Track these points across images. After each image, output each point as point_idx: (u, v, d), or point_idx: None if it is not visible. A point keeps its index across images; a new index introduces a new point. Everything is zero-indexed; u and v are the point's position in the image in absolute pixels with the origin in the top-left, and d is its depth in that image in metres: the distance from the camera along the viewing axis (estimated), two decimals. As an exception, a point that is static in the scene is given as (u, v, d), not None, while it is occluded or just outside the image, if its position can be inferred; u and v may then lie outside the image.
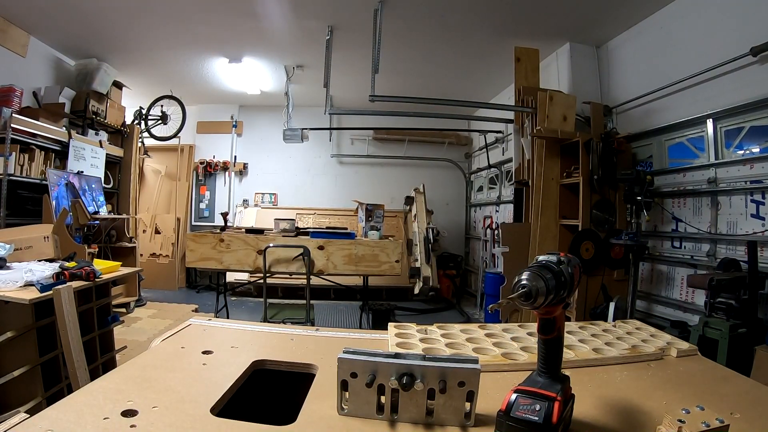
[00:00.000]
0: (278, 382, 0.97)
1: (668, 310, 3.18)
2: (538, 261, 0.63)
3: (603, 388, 0.84)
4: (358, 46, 4.18)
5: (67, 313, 1.71)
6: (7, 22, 3.99)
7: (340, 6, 3.70)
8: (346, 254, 3.16)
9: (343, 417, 0.70)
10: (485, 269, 5.47)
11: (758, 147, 2.61)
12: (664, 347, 1.05)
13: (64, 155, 4.36)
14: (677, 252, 3.16)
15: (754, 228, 2.57)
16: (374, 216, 3.59)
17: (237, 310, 5.02)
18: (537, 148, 3.62)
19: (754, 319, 2.22)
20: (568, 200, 3.52)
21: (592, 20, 3.68)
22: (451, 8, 3.65)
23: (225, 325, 1.21)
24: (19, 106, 3.97)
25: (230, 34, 4.32)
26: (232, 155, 6.82)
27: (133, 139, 5.53)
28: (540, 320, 0.65)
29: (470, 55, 4.61)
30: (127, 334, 3.63)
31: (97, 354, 2.07)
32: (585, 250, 3.22)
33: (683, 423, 0.61)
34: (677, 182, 3.18)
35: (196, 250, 3.14)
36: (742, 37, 2.59)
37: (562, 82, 4.18)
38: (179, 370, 0.86)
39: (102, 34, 4.35)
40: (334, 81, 4.48)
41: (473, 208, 6.90)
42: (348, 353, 0.70)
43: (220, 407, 0.73)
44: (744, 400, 0.81)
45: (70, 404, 0.69)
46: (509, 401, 0.62)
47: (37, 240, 2.24)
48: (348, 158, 7.02)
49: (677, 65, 3.14)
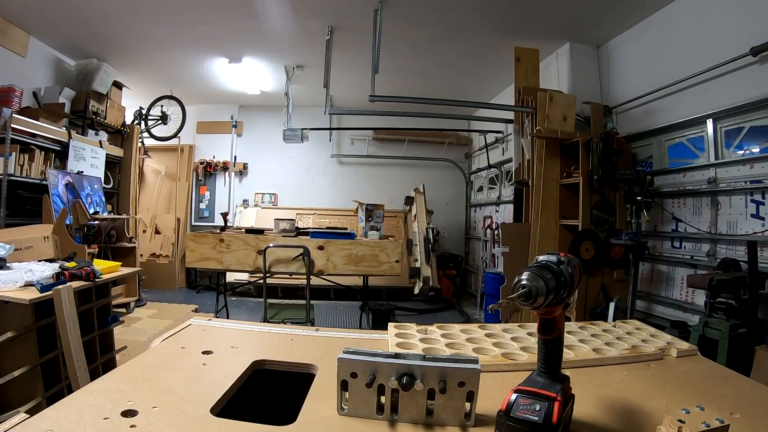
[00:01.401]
0: (278, 382, 0.97)
1: (668, 310, 3.18)
2: (538, 261, 0.63)
3: (603, 388, 0.84)
4: (358, 46, 4.18)
5: (67, 313, 1.71)
6: (7, 22, 3.99)
7: (340, 6, 3.70)
8: (346, 254, 3.16)
9: (343, 417, 0.70)
10: (485, 269, 5.47)
11: (758, 147, 2.61)
12: (664, 347, 1.05)
13: (64, 155, 4.36)
14: (677, 252, 3.16)
15: (754, 228, 2.57)
16: (374, 216, 3.59)
17: (237, 310, 5.02)
18: (537, 148, 3.62)
19: (754, 319, 2.22)
20: (568, 200, 3.52)
21: (592, 20, 3.68)
22: (451, 8, 3.66)
23: (225, 325, 1.21)
24: (19, 106, 3.97)
25: (230, 34, 4.32)
26: (232, 155, 6.82)
27: (133, 139, 5.53)
28: (540, 320, 0.65)
29: (470, 55, 4.61)
30: (127, 334, 3.63)
31: (97, 354, 2.07)
32: (585, 250, 3.22)
33: (683, 423, 0.61)
34: (677, 182, 3.17)
35: (196, 250, 3.14)
36: (743, 37, 2.59)
37: (562, 82, 4.18)
38: (179, 370, 0.86)
39: (102, 34, 4.36)
40: (334, 81, 4.48)
41: (473, 208, 6.90)
42: (348, 353, 0.70)
43: (220, 407, 0.73)
44: (744, 400, 0.81)
45: (70, 404, 0.69)
46: (509, 401, 0.62)
47: (37, 240, 2.24)
48: (348, 158, 7.02)
49: (677, 65, 3.14)
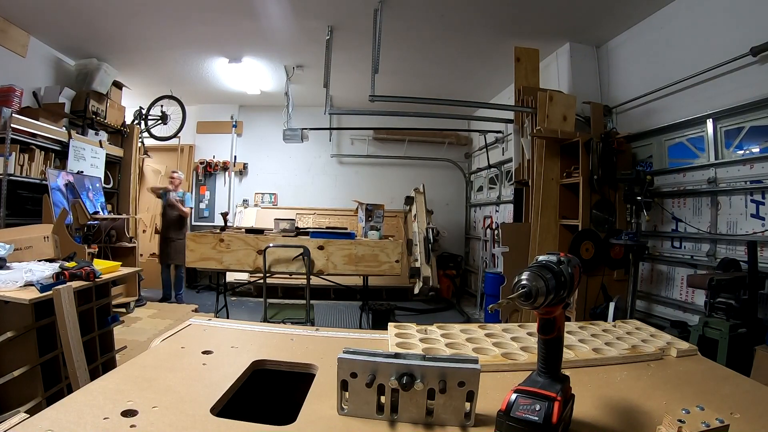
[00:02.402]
0: (278, 382, 0.97)
1: (668, 310, 3.18)
2: (538, 261, 0.63)
3: (603, 388, 0.84)
4: (358, 46, 4.18)
5: (67, 313, 1.71)
6: (7, 22, 3.98)
7: (340, 6, 3.70)
8: (346, 254, 3.16)
9: (343, 417, 0.70)
10: (485, 269, 5.47)
11: (758, 147, 2.61)
12: (664, 347, 1.05)
13: (64, 155, 4.36)
14: (677, 252, 3.16)
15: (754, 228, 2.57)
16: (374, 216, 3.60)
17: (237, 310, 5.02)
18: (537, 148, 3.62)
19: (754, 319, 2.22)
20: (568, 200, 3.52)
21: (592, 20, 3.68)
22: (451, 8, 3.65)
23: (225, 325, 1.21)
24: (19, 106, 3.97)
25: (230, 34, 4.32)
26: (232, 155, 6.82)
27: (133, 139, 5.52)
28: (540, 320, 0.65)
29: (470, 55, 4.61)
30: (127, 334, 3.63)
31: (97, 354, 2.07)
32: (585, 250, 3.22)
33: (683, 423, 0.61)
34: (677, 182, 3.17)
35: (196, 250, 3.14)
36: (742, 37, 2.59)
37: (562, 82, 4.18)
38: (179, 370, 0.86)
39: (102, 34, 4.35)
40: (334, 81, 4.48)
41: (473, 208, 6.90)
42: (348, 353, 0.70)
43: (220, 407, 0.73)
44: (744, 400, 0.81)
45: (70, 404, 0.69)
46: (509, 401, 0.62)
47: (37, 240, 2.24)
48: (348, 158, 7.02)
49: (677, 65, 3.14)
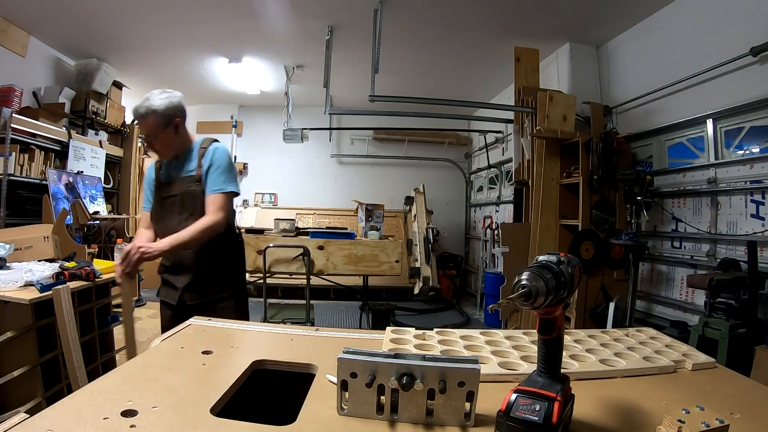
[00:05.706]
0: (278, 382, 0.97)
1: (668, 310, 3.18)
2: (538, 261, 0.63)
3: (603, 388, 0.85)
4: (358, 46, 4.18)
5: (67, 313, 1.71)
6: (7, 22, 3.98)
7: (340, 6, 3.70)
8: (346, 254, 3.16)
9: (343, 417, 0.70)
10: (485, 269, 5.47)
11: (758, 147, 2.61)
12: (678, 359, 0.98)
13: (64, 155, 4.36)
14: (677, 252, 3.15)
15: (754, 228, 2.57)
16: (374, 216, 3.60)
17: (237, 310, 5.01)
18: (537, 148, 3.62)
19: (754, 319, 2.22)
20: (568, 200, 3.51)
21: (592, 20, 3.68)
22: (451, 8, 3.65)
23: (225, 325, 1.21)
24: (19, 106, 3.97)
25: (230, 34, 4.32)
26: (232, 155, 6.81)
27: (133, 139, 5.53)
28: (540, 320, 0.65)
29: (470, 55, 4.61)
30: (127, 334, 3.63)
31: (97, 354, 2.08)
32: (585, 250, 3.22)
33: (683, 423, 0.61)
34: (677, 182, 3.17)
35: (196, 250, 3.13)
36: (742, 37, 2.59)
37: (562, 82, 4.18)
38: (179, 370, 0.86)
39: (102, 34, 4.35)
40: (334, 81, 4.48)
41: (473, 208, 6.90)
42: (348, 353, 0.70)
43: (220, 407, 0.73)
44: (744, 400, 0.81)
45: (70, 404, 0.69)
46: (509, 401, 0.62)
47: (37, 240, 2.24)
48: (348, 158, 7.01)
49: (677, 65, 3.14)
